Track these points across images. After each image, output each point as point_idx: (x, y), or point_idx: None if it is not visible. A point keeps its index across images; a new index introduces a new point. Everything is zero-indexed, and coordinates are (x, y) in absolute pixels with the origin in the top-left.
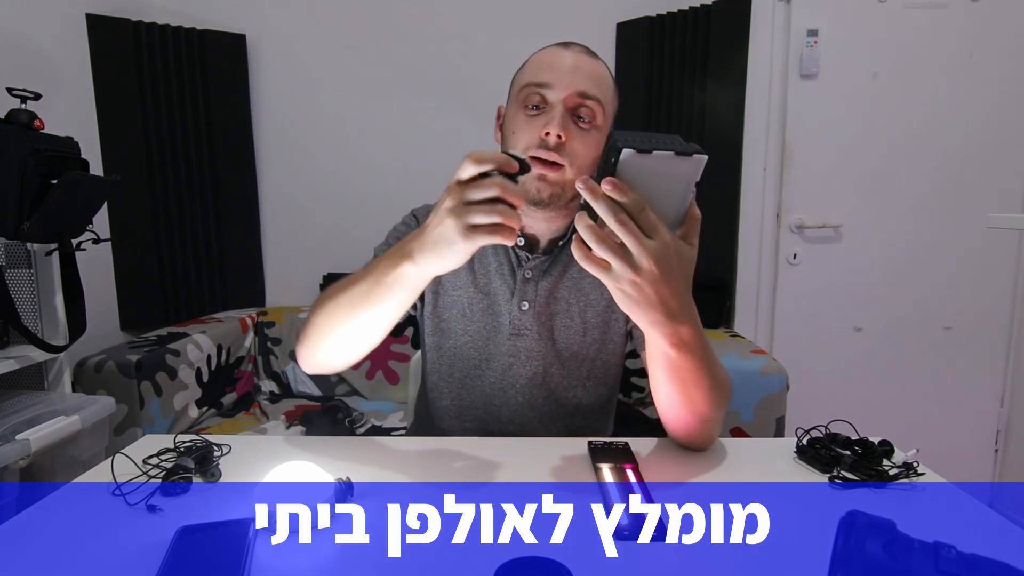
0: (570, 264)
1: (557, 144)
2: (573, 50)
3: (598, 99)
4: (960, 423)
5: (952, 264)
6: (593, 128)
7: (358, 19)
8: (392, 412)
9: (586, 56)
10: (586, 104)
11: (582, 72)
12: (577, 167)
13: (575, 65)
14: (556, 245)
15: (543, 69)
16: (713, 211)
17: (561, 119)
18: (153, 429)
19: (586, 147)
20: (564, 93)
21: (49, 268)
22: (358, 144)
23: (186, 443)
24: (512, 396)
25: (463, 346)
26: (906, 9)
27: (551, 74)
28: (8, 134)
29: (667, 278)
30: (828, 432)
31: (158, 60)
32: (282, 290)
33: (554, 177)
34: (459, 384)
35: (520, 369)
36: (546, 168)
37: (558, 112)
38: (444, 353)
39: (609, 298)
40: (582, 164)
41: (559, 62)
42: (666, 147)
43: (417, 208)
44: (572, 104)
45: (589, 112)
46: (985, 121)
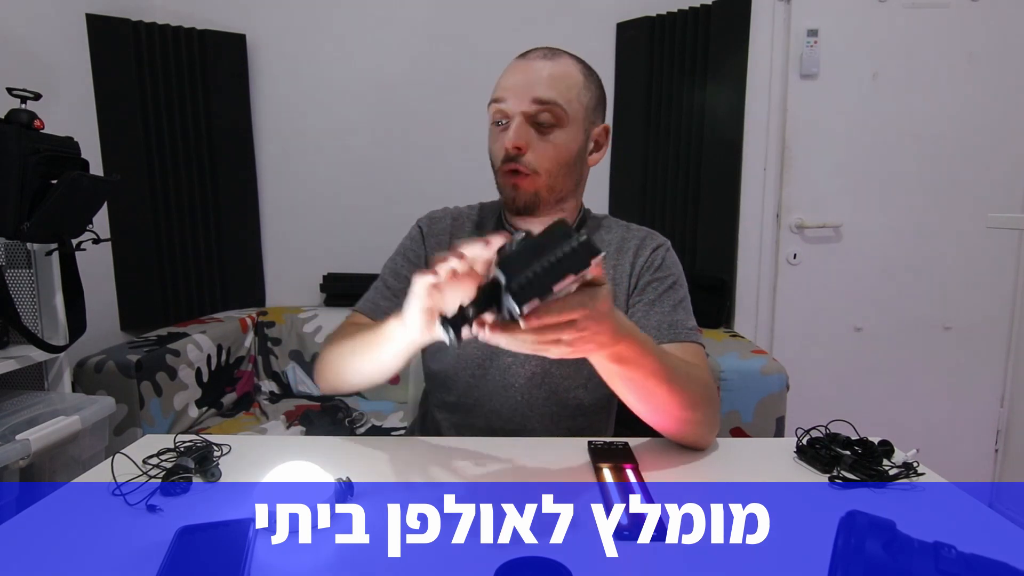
0: None
1: (517, 155)
2: (531, 57)
3: (555, 101)
4: (960, 423)
5: (952, 264)
6: (559, 129)
7: (358, 19)
8: (392, 412)
9: (543, 60)
10: (544, 109)
11: (536, 79)
12: (546, 171)
13: (528, 74)
14: None
15: (500, 86)
16: (713, 211)
17: (516, 131)
18: (153, 429)
19: (550, 151)
20: (520, 106)
21: (49, 268)
22: (358, 144)
23: (186, 443)
24: (511, 395)
25: (465, 346)
26: (906, 9)
27: (505, 89)
28: (8, 134)
29: (597, 324)
30: (828, 432)
31: (158, 60)
32: (282, 290)
33: (524, 184)
34: (464, 384)
35: (519, 369)
36: (516, 178)
37: (514, 125)
38: (449, 353)
39: None
40: (551, 167)
41: (514, 75)
42: (561, 276)
43: (421, 218)
44: (531, 113)
45: (549, 115)
46: (985, 121)
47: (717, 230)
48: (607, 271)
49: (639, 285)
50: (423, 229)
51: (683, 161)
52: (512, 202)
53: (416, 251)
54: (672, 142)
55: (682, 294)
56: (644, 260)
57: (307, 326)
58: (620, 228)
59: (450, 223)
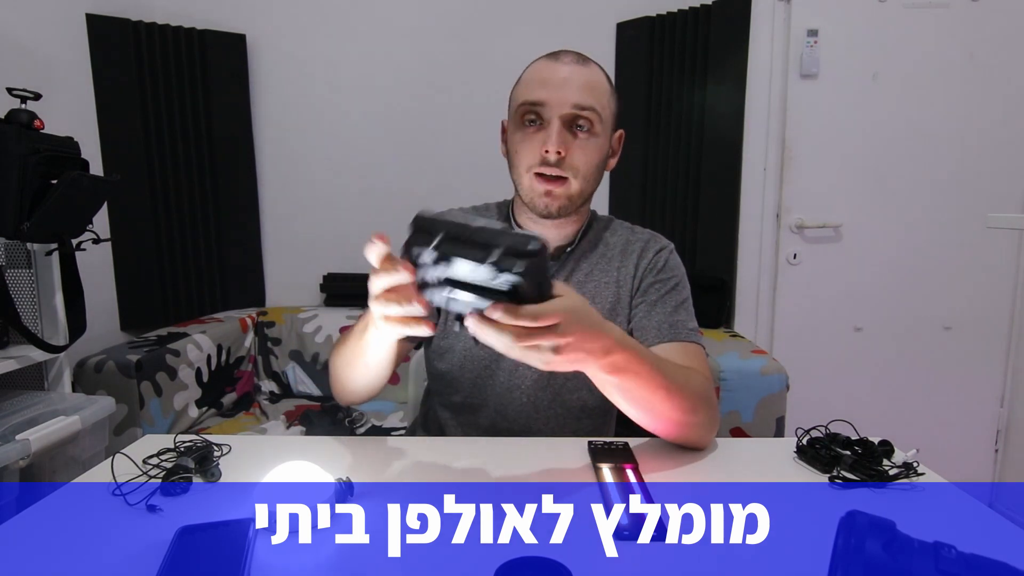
0: (575, 270)
1: (558, 160)
2: (564, 61)
3: (593, 108)
4: (960, 423)
5: (952, 264)
6: (592, 136)
7: (358, 19)
8: (392, 412)
9: (577, 65)
10: (582, 115)
11: (575, 84)
12: (581, 176)
13: (567, 78)
14: (564, 251)
15: (536, 86)
16: (713, 211)
17: (559, 135)
18: (153, 429)
19: (586, 156)
20: (560, 110)
21: (49, 268)
22: (358, 144)
23: (186, 443)
24: (517, 397)
25: (471, 348)
26: (906, 9)
27: (544, 91)
28: (8, 134)
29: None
30: (828, 432)
31: (158, 60)
32: (282, 290)
33: (560, 191)
34: (471, 384)
35: (527, 371)
36: (551, 184)
37: (555, 129)
38: (454, 356)
39: (613, 301)
40: (585, 172)
41: (552, 77)
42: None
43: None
44: (568, 118)
45: (586, 122)
46: (985, 121)
47: (717, 230)
48: (610, 272)
49: (642, 287)
50: None
51: (683, 161)
52: (545, 207)
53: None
54: (672, 142)
55: (684, 296)
56: (647, 262)
57: (307, 326)
58: (625, 231)
59: None
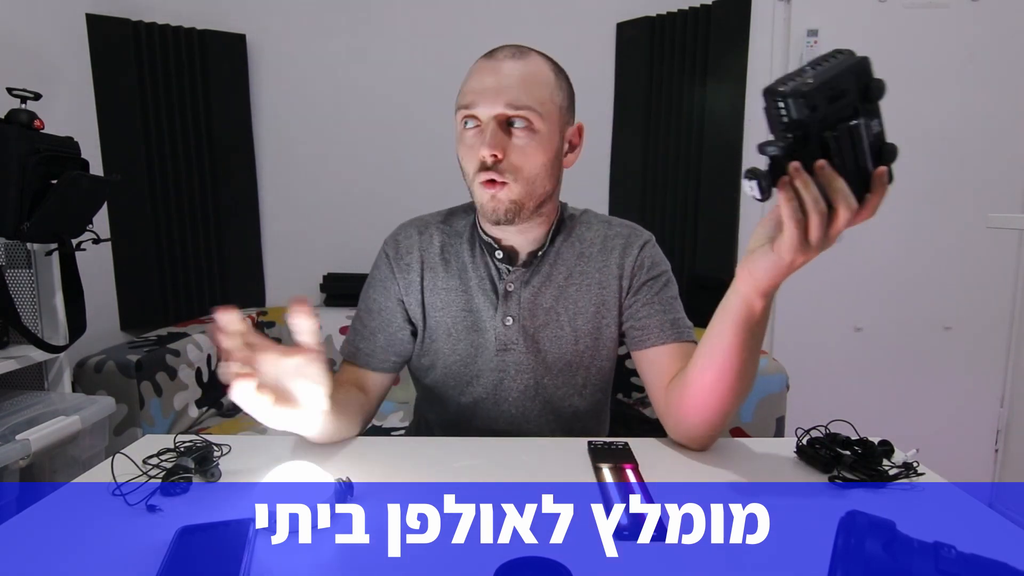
0: (552, 273)
1: (495, 163)
2: (499, 57)
3: (528, 105)
4: (960, 423)
5: (952, 264)
6: (531, 134)
7: (358, 19)
8: (392, 412)
9: (512, 61)
10: (518, 115)
11: (507, 82)
12: (523, 179)
13: (499, 76)
14: (535, 256)
15: (468, 89)
16: (713, 211)
17: (492, 138)
18: (153, 429)
19: (526, 156)
20: (492, 111)
21: (49, 268)
22: (358, 144)
23: (186, 443)
24: (505, 409)
25: (451, 365)
26: (906, 9)
27: (475, 94)
28: (8, 134)
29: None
30: (828, 432)
31: (158, 60)
32: (282, 290)
33: (502, 195)
34: (455, 401)
35: (511, 383)
36: (492, 187)
37: (488, 132)
38: (435, 373)
39: (598, 303)
40: (529, 174)
41: (483, 79)
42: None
43: (387, 240)
44: (503, 118)
45: (524, 120)
46: (985, 121)
47: (717, 230)
48: (591, 273)
49: (633, 286)
50: (389, 255)
51: (683, 161)
52: (492, 213)
53: (385, 281)
54: (672, 142)
55: (675, 290)
56: (633, 261)
57: None
58: (601, 224)
59: (417, 239)
